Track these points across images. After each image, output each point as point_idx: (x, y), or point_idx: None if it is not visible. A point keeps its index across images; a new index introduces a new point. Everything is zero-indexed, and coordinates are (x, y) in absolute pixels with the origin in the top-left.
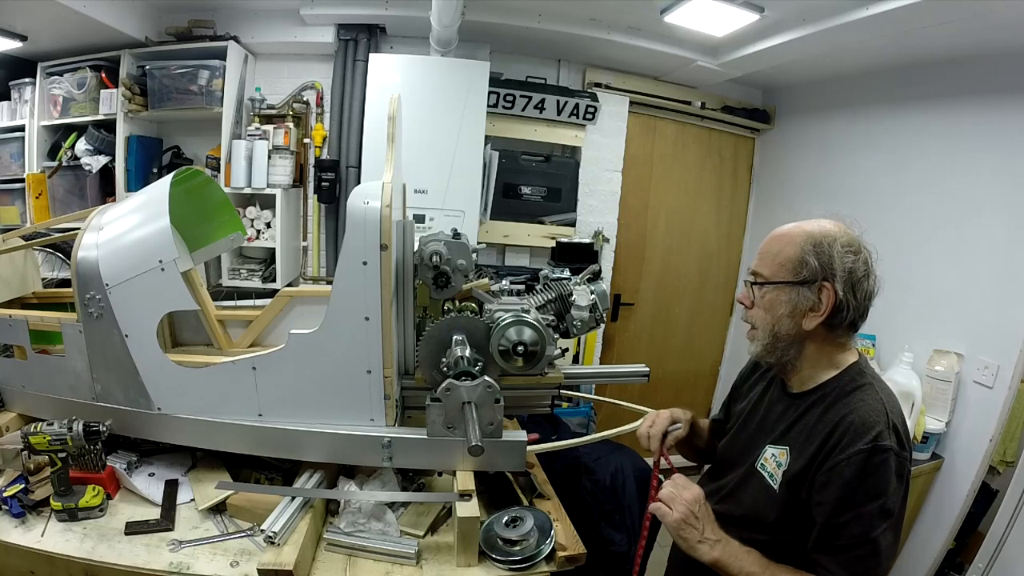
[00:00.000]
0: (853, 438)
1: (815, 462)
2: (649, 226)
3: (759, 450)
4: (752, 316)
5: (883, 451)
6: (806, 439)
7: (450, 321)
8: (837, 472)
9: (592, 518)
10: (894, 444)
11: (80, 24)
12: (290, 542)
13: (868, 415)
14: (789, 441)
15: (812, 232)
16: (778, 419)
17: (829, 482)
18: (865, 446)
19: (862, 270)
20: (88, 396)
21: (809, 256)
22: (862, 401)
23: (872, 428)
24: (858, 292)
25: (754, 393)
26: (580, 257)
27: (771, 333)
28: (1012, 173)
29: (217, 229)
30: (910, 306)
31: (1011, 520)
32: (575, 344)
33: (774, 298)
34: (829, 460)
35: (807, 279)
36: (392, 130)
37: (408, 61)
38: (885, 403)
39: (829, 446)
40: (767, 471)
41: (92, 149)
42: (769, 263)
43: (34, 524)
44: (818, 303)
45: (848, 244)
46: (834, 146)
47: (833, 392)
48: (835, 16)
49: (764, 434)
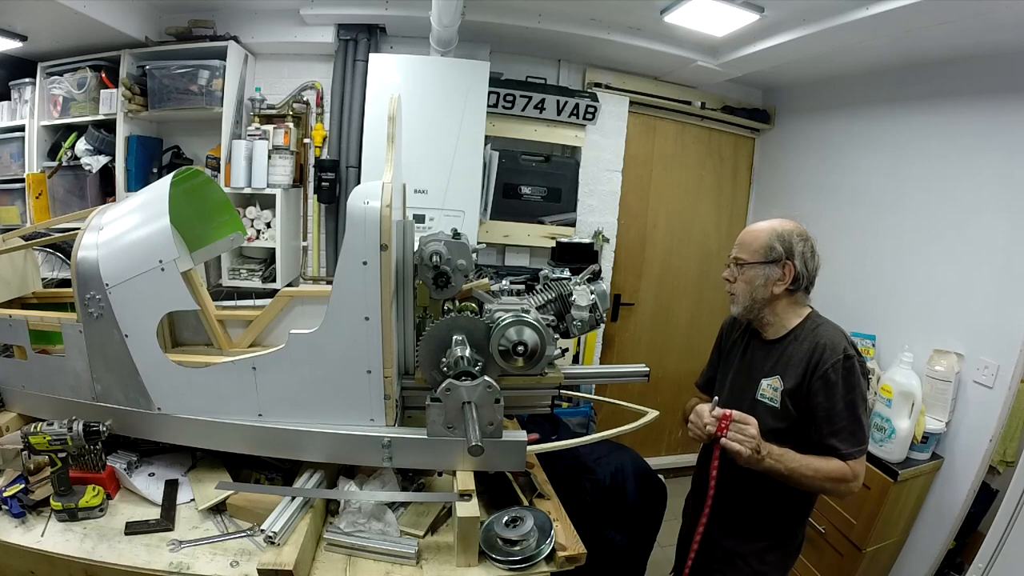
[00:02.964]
0: (830, 354)
1: (806, 376)
2: (649, 226)
3: (755, 385)
4: (735, 288)
5: (850, 358)
6: (793, 365)
7: (450, 321)
8: (826, 378)
9: (592, 518)
10: (856, 354)
11: (80, 24)
12: (290, 542)
13: (834, 338)
14: (778, 371)
15: (775, 227)
16: (763, 360)
17: (823, 386)
18: (840, 356)
19: (810, 252)
20: (88, 396)
21: (776, 243)
22: (826, 331)
23: (840, 345)
24: (809, 266)
25: (736, 348)
26: (580, 257)
27: (750, 297)
28: (1012, 173)
29: (217, 229)
30: (910, 306)
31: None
32: (575, 344)
33: (752, 274)
34: (817, 372)
35: (774, 259)
36: (392, 130)
37: (408, 61)
38: (840, 331)
39: (813, 363)
40: (767, 397)
41: (92, 149)
42: (747, 250)
43: (34, 524)
44: (783, 275)
45: (800, 235)
46: (834, 146)
47: (802, 332)
48: (835, 16)
49: (756, 373)
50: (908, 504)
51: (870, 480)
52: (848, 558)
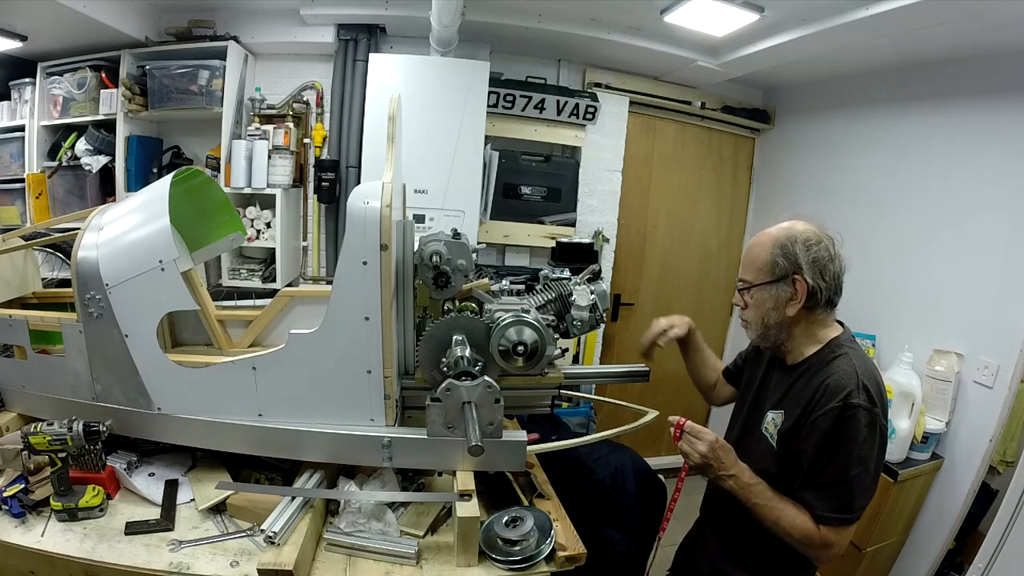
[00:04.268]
0: (829, 397)
1: (801, 420)
2: (649, 226)
3: (763, 415)
4: (746, 314)
5: (853, 407)
6: (795, 402)
7: (450, 321)
8: (816, 425)
9: (592, 518)
10: (864, 401)
11: (80, 24)
12: (290, 542)
13: (841, 379)
14: (784, 405)
15: (777, 237)
16: (775, 387)
17: (811, 434)
18: (838, 403)
19: (825, 257)
20: (88, 396)
21: (778, 258)
22: (838, 367)
23: (844, 388)
24: (826, 275)
25: (761, 364)
26: (580, 257)
27: (762, 324)
28: (1012, 173)
29: (217, 229)
30: (910, 306)
31: (1011, 520)
32: (575, 344)
33: (760, 297)
34: (811, 416)
35: (780, 276)
36: (392, 130)
37: (408, 61)
38: (857, 368)
39: (811, 406)
40: (768, 433)
41: (92, 149)
42: (750, 269)
43: (34, 524)
44: (794, 293)
45: (808, 239)
46: (834, 146)
47: (816, 363)
48: (835, 16)
49: (766, 401)
50: (908, 504)
51: None
52: (848, 558)
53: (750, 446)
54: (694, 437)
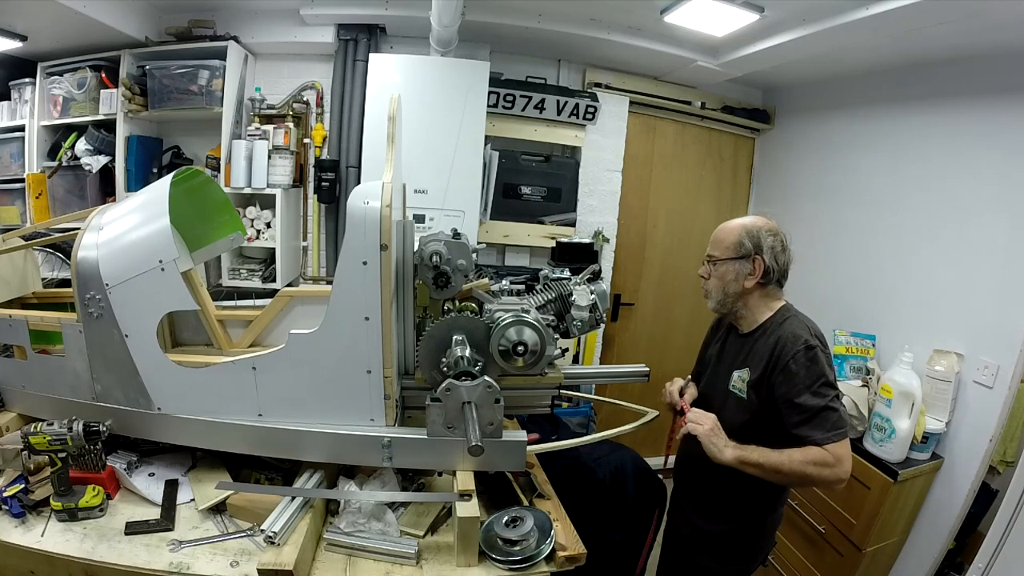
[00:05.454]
0: (791, 346)
1: (767, 369)
2: (649, 226)
3: (729, 376)
4: (708, 284)
5: (811, 347)
6: (759, 358)
7: (450, 321)
8: (786, 369)
9: (592, 518)
10: (818, 343)
11: (80, 24)
12: (290, 542)
13: (796, 330)
14: (748, 363)
15: (745, 223)
16: (737, 352)
17: (785, 378)
18: (800, 346)
19: (780, 246)
20: (88, 396)
21: (744, 240)
22: (791, 325)
23: (801, 336)
24: (779, 260)
25: (717, 342)
26: (580, 257)
27: (723, 293)
28: (1012, 173)
29: (217, 229)
30: (910, 306)
31: (1011, 520)
32: (575, 344)
33: (723, 270)
34: (778, 365)
35: (744, 255)
36: (392, 130)
37: (408, 61)
38: (807, 324)
39: (775, 356)
40: (737, 388)
41: (92, 149)
42: (719, 247)
43: (34, 524)
44: (753, 270)
45: (770, 230)
46: (834, 146)
47: (771, 326)
48: (835, 16)
49: (729, 365)
50: (908, 504)
51: (870, 480)
52: (848, 558)
53: (722, 406)
54: (697, 420)
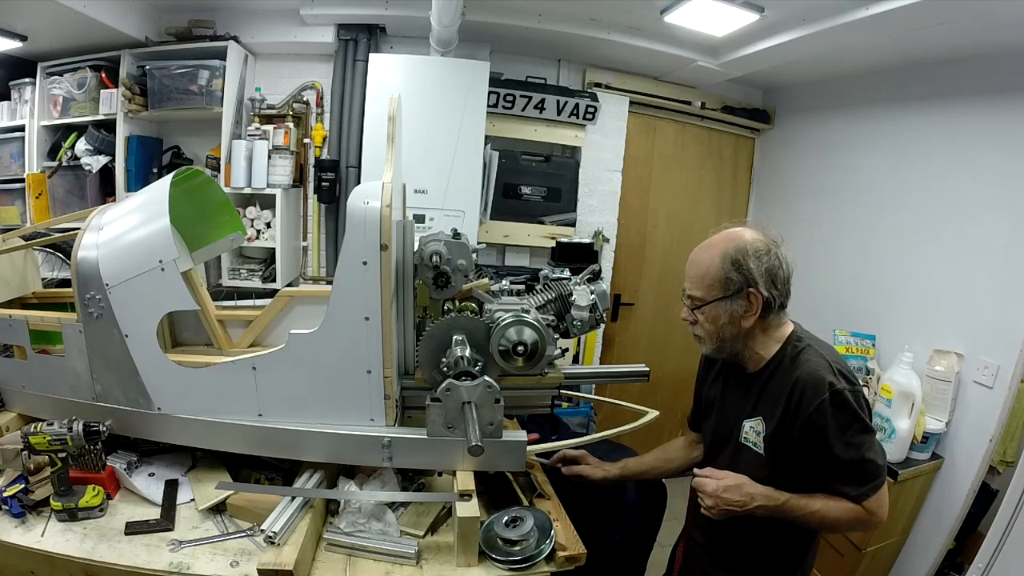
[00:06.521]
0: (814, 392)
1: (785, 420)
2: (649, 226)
3: (738, 427)
4: (697, 330)
5: (839, 393)
6: (772, 405)
7: (450, 321)
8: (810, 423)
9: (592, 518)
10: (845, 384)
11: (80, 24)
12: (290, 542)
13: (816, 371)
14: (760, 412)
15: (726, 251)
16: (744, 397)
17: (812, 433)
18: (824, 395)
19: (776, 264)
20: (88, 396)
21: (730, 273)
22: (807, 361)
23: (823, 381)
24: (777, 282)
25: (715, 381)
26: (580, 257)
27: (717, 338)
28: (1012, 173)
29: (217, 229)
30: (910, 306)
31: (1011, 520)
32: (575, 344)
33: (714, 313)
34: (799, 417)
35: (735, 291)
36: (392, 130)
37: (408, 61)
38: (825, 356)
39: (793, 404)
40: (750, 441)
41: (92, 149)
42: (699, 286)
43: (34, 524)
44: (749, 306)
45: (757, 250)
46: (834, 146)
47: (782, 362)
48: (835, 16)
49: (738, 413)
50: (908, 504)
51: None
52: (848, 558)
53: (734, 460)
54: (701, 494)
